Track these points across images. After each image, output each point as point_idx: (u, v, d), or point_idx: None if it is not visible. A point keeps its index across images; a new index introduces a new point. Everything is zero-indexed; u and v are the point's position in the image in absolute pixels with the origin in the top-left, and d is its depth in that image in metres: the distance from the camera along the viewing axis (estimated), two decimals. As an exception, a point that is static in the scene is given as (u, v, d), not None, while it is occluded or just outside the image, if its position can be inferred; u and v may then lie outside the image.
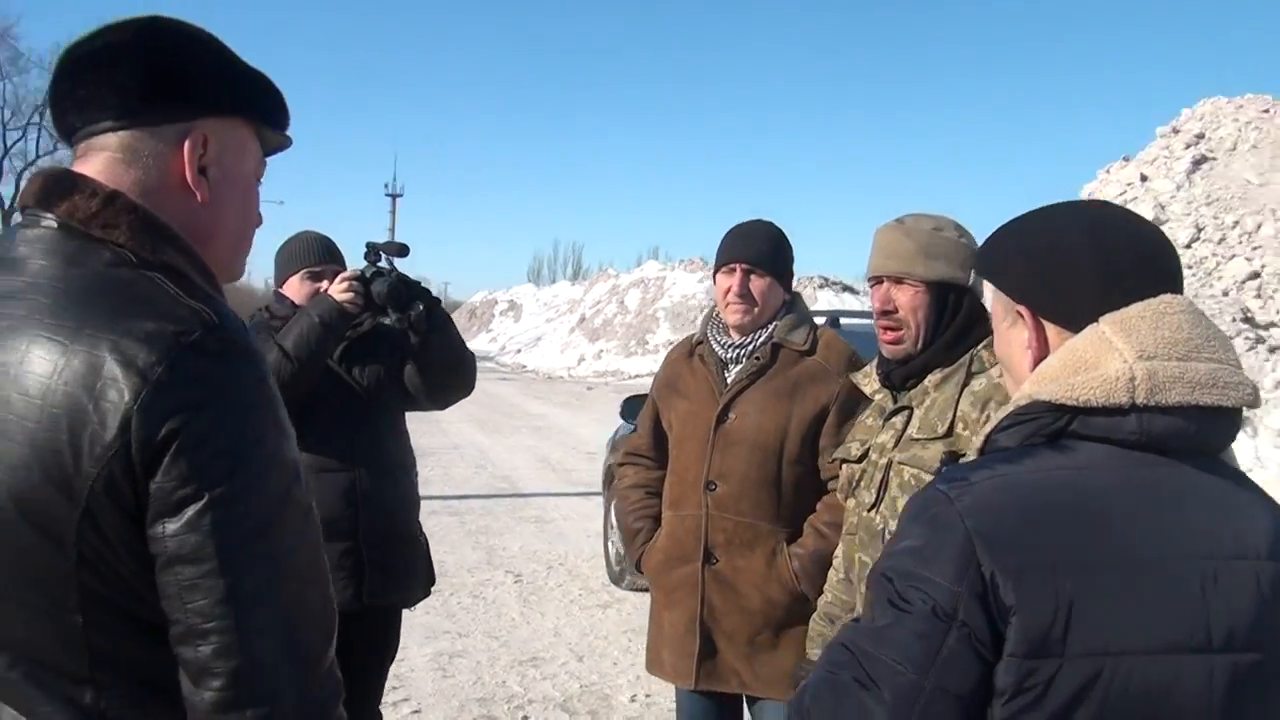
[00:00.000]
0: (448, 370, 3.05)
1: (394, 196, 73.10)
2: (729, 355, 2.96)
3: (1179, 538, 1.20)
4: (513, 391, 25.87)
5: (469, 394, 3.25)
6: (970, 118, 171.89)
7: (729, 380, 2.94)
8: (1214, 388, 1.20)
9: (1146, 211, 16.91)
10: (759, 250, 2.93)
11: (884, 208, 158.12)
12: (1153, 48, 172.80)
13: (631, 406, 6.18)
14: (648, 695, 5.14)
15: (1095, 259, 1.28)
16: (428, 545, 3.24)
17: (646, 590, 6.77)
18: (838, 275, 41.09)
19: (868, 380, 2.42)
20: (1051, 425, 1.25)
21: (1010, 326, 1.38)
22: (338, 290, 2.92)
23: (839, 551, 2.45)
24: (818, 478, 2.89)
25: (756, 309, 2.91)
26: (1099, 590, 1.16)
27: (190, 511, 1.11)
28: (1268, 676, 1.20)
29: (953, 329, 2.24)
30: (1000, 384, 2.10)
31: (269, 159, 1.43)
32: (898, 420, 2.25)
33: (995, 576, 1.16)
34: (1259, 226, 21.69)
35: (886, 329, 2.26)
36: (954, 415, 2.15)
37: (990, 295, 1.44)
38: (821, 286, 35.55)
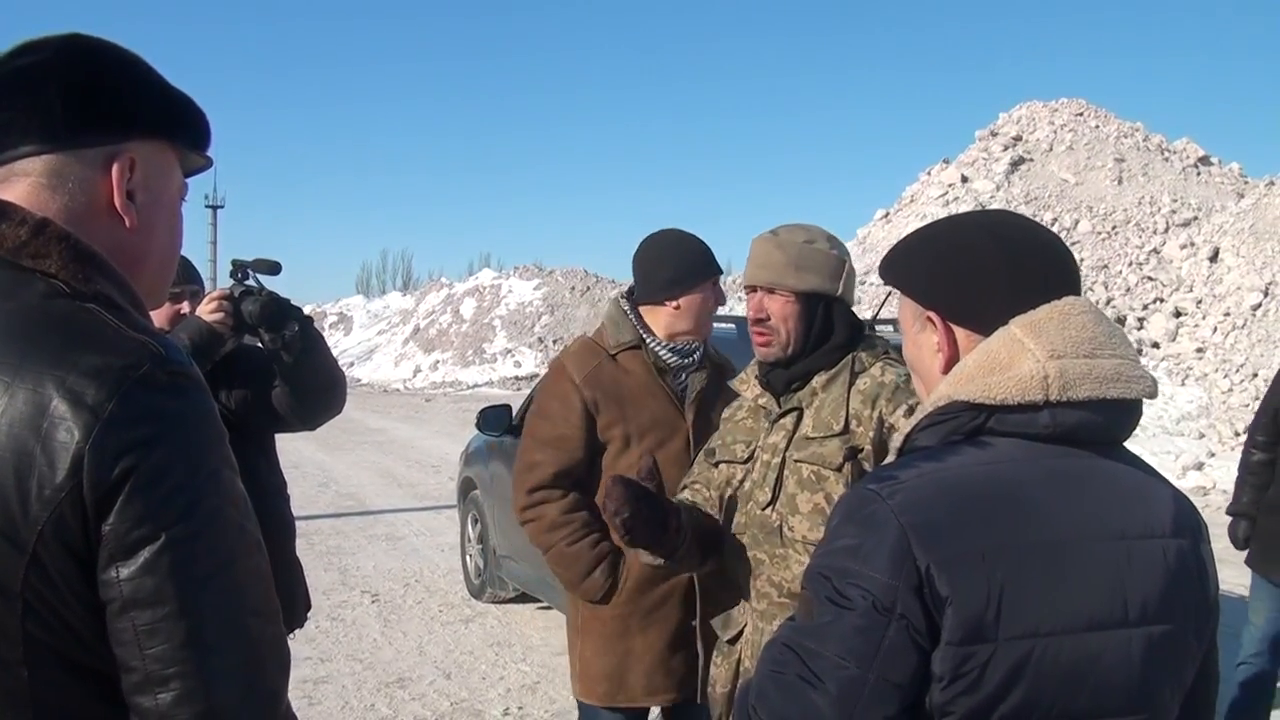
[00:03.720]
0: (322, 391, 2.96)
1: (214, 208, 70.19)
2: (673, 361, 2.94)
3: (1094, 522, 1.29)
4: (349, 406, 24.84)
5: (339, 413, 3.18)
6: (788, 122, 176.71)
7: (684, 387, 2.94)
8: (1119, 382, 1.29)
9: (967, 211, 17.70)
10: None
11: (710, 213, 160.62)
12: (968, 52, 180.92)
13: (488, 417, 6.09)
14: (520, 708, 5.11)
15: (1003, 264, 1.36)
16: (303, 570, 3.16)
17: (508, 602, 6.80)
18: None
19: (746, 385, 2.50)
20: (970, 423, 1.32)
21: (920, 331, 1.45)
22: (207, 311, 2.79)
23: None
24: None
25: None
26: (1026, 576, 1.24)
27: (146, 553, 1.06)
28: (1176, 645, 1.31)
29: (834, 336, 2.35)
30: (883, 381, 2.26)
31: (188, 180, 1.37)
32: (787, 421, 2.34)
33: (930, 569, 1.22)
34: (1076, 223, 23.06)
35: (759, 334, 2.37)
36: (847, 412, 2.27)
37: (899, 302, 1.50)
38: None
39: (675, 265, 2.91)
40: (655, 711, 3.06)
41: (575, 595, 2.94)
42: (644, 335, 2.92)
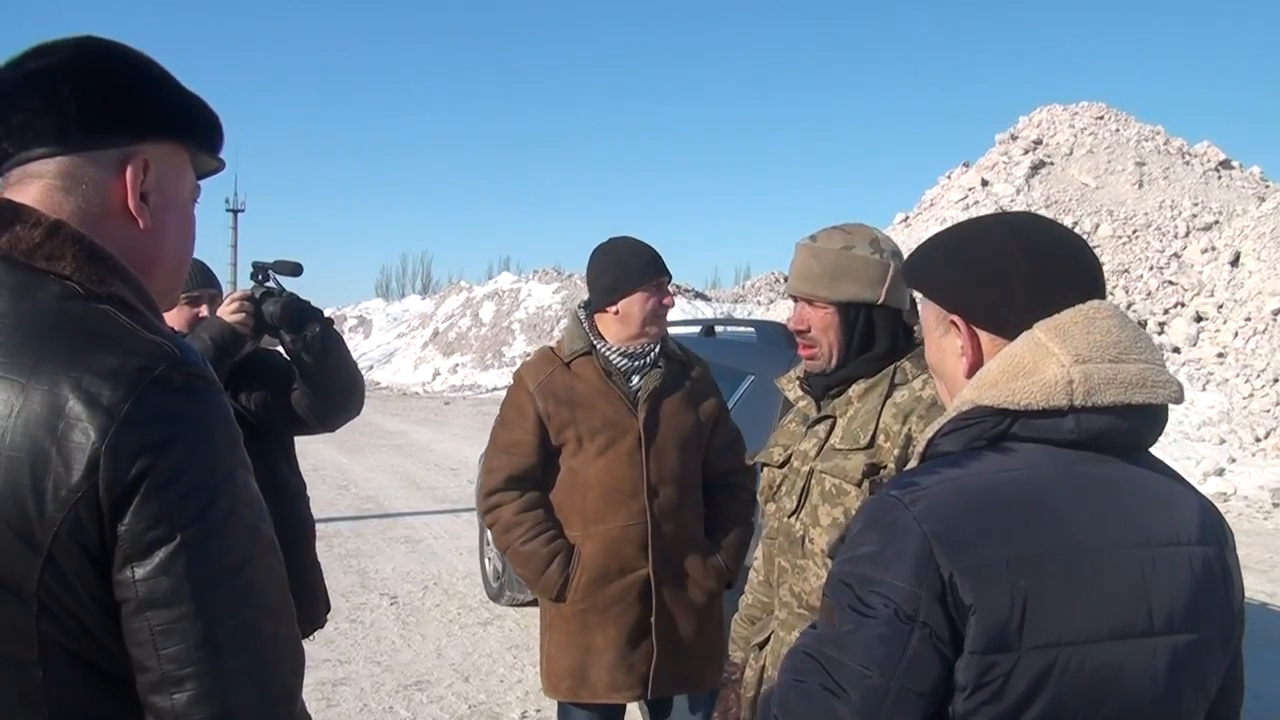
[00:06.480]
0: (341, 391, 2.97)
1: (235, 212, 70.66)
2: (622, 364, 3.07)
3: (1119, 529, 1.27)
4: (369, 409, 24.94)
5: (358, 415, 3.19)
6: (808, 126, 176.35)
7: (638, 387, 3.05)
8: (1144, 387, 1.28)
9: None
10: None
11: (731, 218, 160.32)
12: (988, 56, 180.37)
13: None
14: (538, 710, 5.11)
15: (1026, 267, 1.35)
16: (322, 571, 3.17)
17: (527, 605, 6.79)
18: (689, 283, 41.71)
19: (791, 386, 2.45)
20: (993, 429, 1.31)
21: (943, 335, 1.43)
22: (228, 311, 2.81)
23: (759, 553, 2.50)
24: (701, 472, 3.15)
25: None
26: (1050, 584, 1.22)
27: (162, 553, 1.06)
28: (1202, 653, 1.29)
29: (875, 346, 2.27)
30: (921, 396, 2.18)
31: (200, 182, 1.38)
32: (820, 429, 2.29)
33: (954, 577, 1.21)
34: (1096, 227, 22.93)
35: (803, 346, 2.32)
36: (876, 427, 2.19)
37: (921, 305, 1.49)
38: (676, 293, 35.94)
39: (611, 272, 3.05)
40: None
41: (536, 593, 3.09)
42: (594, 342, 3.06)
